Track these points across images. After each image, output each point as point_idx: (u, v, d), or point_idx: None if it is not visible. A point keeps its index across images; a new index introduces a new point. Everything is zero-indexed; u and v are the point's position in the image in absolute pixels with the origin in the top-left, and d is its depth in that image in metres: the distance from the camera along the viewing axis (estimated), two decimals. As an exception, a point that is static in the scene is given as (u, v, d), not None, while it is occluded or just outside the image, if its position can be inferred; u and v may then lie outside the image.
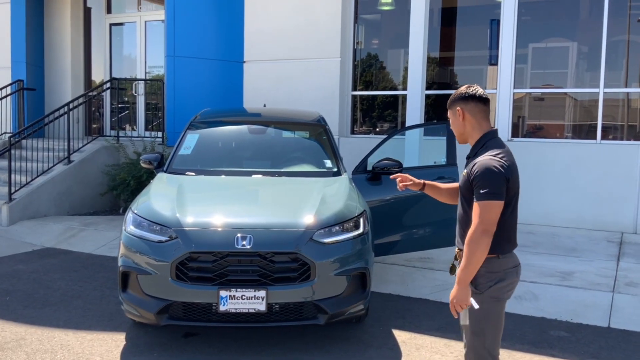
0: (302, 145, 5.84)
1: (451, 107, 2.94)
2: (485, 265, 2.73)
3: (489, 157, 2.71)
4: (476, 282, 2.74)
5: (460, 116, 2.89)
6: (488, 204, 2.65)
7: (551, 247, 7.31)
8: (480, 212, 2.66)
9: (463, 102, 2.90)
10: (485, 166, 2.68)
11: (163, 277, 3.99)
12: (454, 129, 2.98)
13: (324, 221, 4.24)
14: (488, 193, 2.65)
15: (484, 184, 2.67)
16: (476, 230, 2.65)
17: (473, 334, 2.79)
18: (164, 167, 5.35)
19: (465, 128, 2.90)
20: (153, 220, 4.20)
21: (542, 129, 9.61)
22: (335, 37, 9.89)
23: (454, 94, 2.94)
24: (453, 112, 2.93)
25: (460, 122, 2.90)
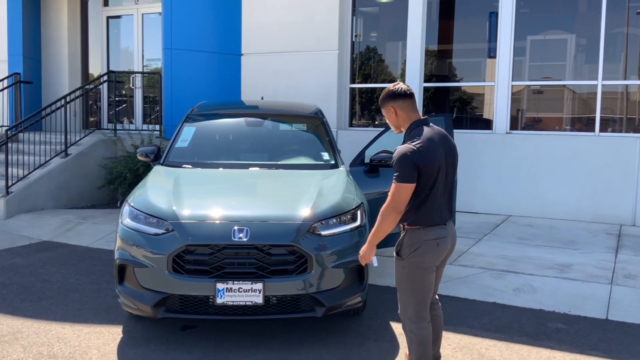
0: (299, 137, 5.81)
1: (384, 106, 3.35)
2: (408, 235, 3.25)
3: (406, 145, 3.17)
4: (400, 251, 3.29)
5: (393, 113, 3.32)
6: (397, 186, 3.13)
7: (549, 240, 7.30)
8: (392, 191, 3.15)
9: (392, 100, 3.32)
10: (398, 153, 3.15)
11: (160, 269, 3.97)
12: (389, 123, 3.39)
13: (321, 214, 4.22)
14: (398, 177, 3.12)
15: (395, 168, 3.15)
16: (387, 206, 3.16)
17: (398, 290, 3.38)
18: (160, 160, 5.32)
19: (398, 121, 3.34)
20: (150, 213, 4.18)
21: (540, 121, 9.59)
22: (333, 30, 9.85)
23: (383, 94, 3.34)
24: (386, 110, 3.35)
25: (394, 117, 3.33)
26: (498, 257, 6.45)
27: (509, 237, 7.49)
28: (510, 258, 6.42)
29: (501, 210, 8.94)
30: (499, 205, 8.93)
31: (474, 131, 9.35)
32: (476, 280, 5.71)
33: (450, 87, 10.16)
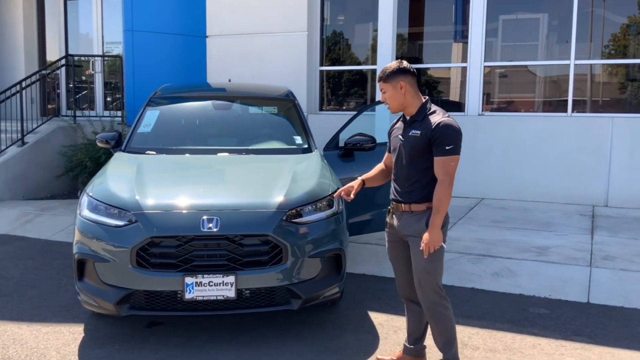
0: (270, 121, 5.53)
1: (391, 81, 3.21)
2: (430, 212, 3.17)
3: (448, 118, 3.12)
4: None
5: (401, 89, 3.20)
6: (454, 159, 3.10)
7: (525, 222, 7.21)
8: (446, 166, 3.09)
9: (403, 75, 3.22)
10: (449, 125, 3.08)
11: (123, 264, 3.69)
12: (392, 101, 3.24)
13: (296, 201, 3.98)
14: (453, 149, 3.08)
15: (449, 141, 3.07)
16: (445, 182, 3.10)
17: (428, 273, 3.21)
18: (122, 147, 4.99)
19: (405, 99, 3.22)
20: (110, 203, 3.88)
21: (512, 103, 9.50)
22: (302, 10, 9.54)
23: (391, 69, 3.21)
24: (394, 86, 3.21)
25: (401, 94, 3.21)
26: (475, 241, 6.32)
27: (484, 220, 7.37)
28: (487, 242, 6.30)
29: (474, 193, 8.83)
30: (471, 188, 8.82)
31: (447, 113, 9.16)
32: (454, 265, 5.56)
33: (421, 70, 9.98)
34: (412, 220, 3.23)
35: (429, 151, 3.14)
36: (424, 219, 3.19)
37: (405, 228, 3.26)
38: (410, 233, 3.24)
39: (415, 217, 3.22)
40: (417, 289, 3.29)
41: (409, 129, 3.23)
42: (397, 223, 3.31)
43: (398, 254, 3.42)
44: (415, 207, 3.22)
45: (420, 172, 3.19)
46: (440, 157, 3.10)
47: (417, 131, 3.17)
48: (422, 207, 3.20)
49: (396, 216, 3.33)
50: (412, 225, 3.23)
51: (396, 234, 3.35)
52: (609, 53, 8.73)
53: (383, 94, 3.28)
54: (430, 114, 3.18)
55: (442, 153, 3.09)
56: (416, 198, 3.21)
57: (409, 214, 3.24)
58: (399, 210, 3.29)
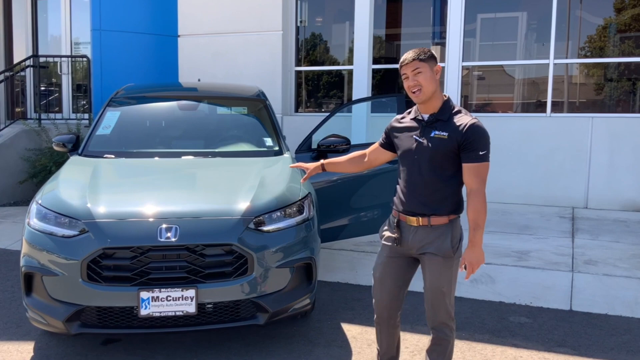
0: (239, 122, 5.25)
1: (430, 62, 2.82)
2: (454, 226, 2.85)
3: (477, 120, 2.76)
4: (457, 248, 2.85)
5: (438, 74, 2.84)
6: (487, 166, 2.75)
7: (504, 226, 7.03)
8: (482, 173, 2.73)
9: (436, 62, 2.85)
10: (482, 129, 2.74)
11: (72, 278, 3.39)
12: (428, 84, 2.79)
13: (263, 206, 3.72)
14: (487, 154, 2.74)
15: (483, 146, 2.73)
16: (480, 192, 2.73)
17: (444, 295, 2.87)
18: (79, 150, 4.68)
19: (436, 87, 2.83)
20: (60, 211, 3.58)
21: (490, 104, 9.34)
22: (276, 9, 9.28)
23: (429, 52, 2.83)
24: (431, 67, 2.81)
25: (437, 80, 2.83)
26: (454, 246, 6.10)
27: (462, 223, 7.16)
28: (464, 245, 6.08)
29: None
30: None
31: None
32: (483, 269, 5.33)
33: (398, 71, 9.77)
34: (432, 235, 2.81)
35: (456, 156, 2.76)
36: (447, 234, 2.81)
37: (421, 244, 2.84)
38: (428, 250, 2.83)
39: (436, 231, 2.81)
40: (428, 311, 2.93)
41: (429, 130, 2.80)
42: (409, 238, 2.87)
43: (394, 273, 2.99)
44: (436, 221, 2.80)
45: (443, 180, 2.79)
46: (474, 163, 2.71)
47: (443, 132, 2.76)
48: (444, 220, 2.81)
49: (406, 230, 2.88)
50: (432, 242, 2.82)
51: (403, 250, 2.93)
52: (586, 54, 8.60)
53: (416, 76, 2.77)
54: (456, 114, 2.80)
55: (475, 159, 2.71)
56: (437, 210, 2.80)
57: (428, 228, 2.82)
58: (412, 223, 2.85)
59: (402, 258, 2.99)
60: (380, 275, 3.05)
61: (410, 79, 2.81)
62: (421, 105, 2.88)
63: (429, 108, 2.85)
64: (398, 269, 3.00)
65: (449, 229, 2.84)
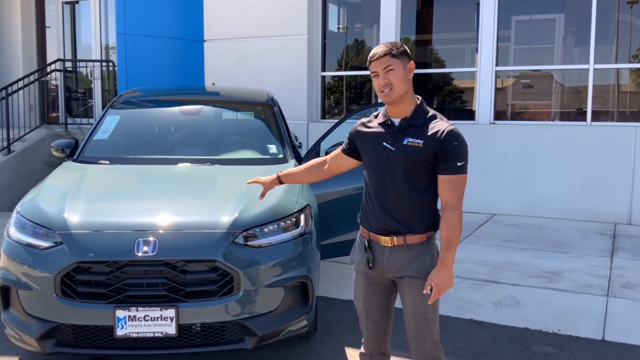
0: (243, 128, 4.97)
1: (403, 58, 2.47)
2: (432, 244, 2.55)
3: (455, 127, 2.45)
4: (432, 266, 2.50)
5: (411, 72, 2.50)
6: (465, 178, 2.43)
7: (537, 242, 6.54)
8: (459, 186, 2.42)
9: (409, 59, 2.52)
10: (460, 136, 2.42)
11: (47, 293, 3.16)
12: (400, 83, 2.45)
13: (253, 219, 3.42)
14: (465, 166, 2.43)
15: (461, 156, 2.41)
16: (457, 207, 2.42)
17: (429, 322, 2.56)
18: (75, 156, 4.48)
19: (409, 87, 2.50)
20: (37, 221, 3.36)
21: (527, 110, 8.83)
22: (302, 13, 9.03)
23: (402, 47, 2.50)
24: (403, 64, 2.47)
25: (409, 79, 2.49)
26: (479, 264, 5.68)
27: (492, 239, 6.72)
28: (492, 264, 5.65)
29: (485, 208, 8.18)
30: (482, 203, 8.17)
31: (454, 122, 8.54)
32: (452, 293, 4.93)
33: (431, 77, 9.37)
34: (409, 255, 2.49)
35: (433, 166, 2.44)
36: (426, 253, 2.50)
37: (398, 267, 2.51)
38: (406, 273, 2.50)
39: (414, 251, 2.49)
40: (411, 341, 2.61)
41: (402, 136, 2.47)
42: (384, 260, 2.54)
43: (377, 302, 2.65)
44: (412, 239, 2.48)
45: (419, 192, 2.46)
46: (450, 175, 2.40)
47: (418, 140, 2.43)
48: (421, 237, 2.49)
49: (379, 252, 2.55)
50: (409, 263, 2.49)
51: (378, 274, 2.59)
52: (630, 59, 8.02)
53: (387, 73, 2.43)
54: (431, 119, 2.47)
55: (451, 170, 2.39)
56: (413, 227, 2.48)
57: (404, 248, 2.49)
58: (386, 244, 2.51)
59: (380, 284, 2.63)
60: (364, 307, 2.69)
61: (380, 76, 2.46)
62: (391, 107, 2.53)
63: (400, 111, 2.51)
64: (380, 297, 2.65)
65: (427, 247, 2.51)
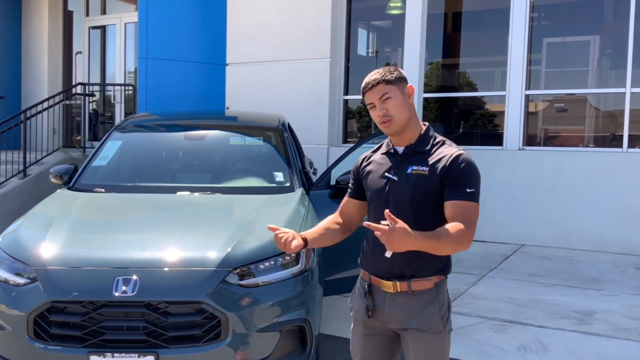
0: (249, 154, 4.71)
1: (399, 84, 2.22)
2: (442, 291, 2.24)
3: (465, 152, 2.20)
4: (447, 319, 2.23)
5: (411, 97, 2.26)
6: (476, 207, 2.15)
7: (568, 277, 6.08)
8: (469, 214, 2.11)
9: (406, 82, 2.26)
10: (470, 162, 2.17)
11: (19, 334, 2.92)
12: (399, 112, 2.20)
13: (246, 255, 3.14)
14: (476, 194, 2.16)
15: (471, 182, 2.15)
16: (468, 234, 2.08)
17: None
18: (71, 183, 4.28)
19: (411, 113, 2.24)
20: (14, 255, 3.14)
21: (559, 135, 8.40)
22: (325, 35, 8.82)
23: (396, 71, 2.25)
24: (401, 90, 2.22)
25: (410, 104, 2.24)
26: (503, 301, 5.26)
27: (520, 272, 6.28)
28: (518, 302, 5.23)
29: (513, 238, 7.73)
30: (510, 233, 7.73)
31: (481, 147, 8.19)
32: (472, 334, 4.54)
33: (459, 101, 9.03)
34: (413, 304, 2.18)
35: (440, 197, 2.15)
36: (434, 303, 2.18)
37: (401, 317, 2.20)
38: (410, 325, 2.18)
39: (419, 299, 2.18)
40: None
41: (406, 164, 2.21)
42: (384, 308, 2.22)
43: (375, 354, 2.32)
44: (418, 285, 2.17)
45: (425, 229, 2.08)
46: (458, 200, 2.11)
47: (422, 167, 2.17)
48: (428, 283, 2.18)
49: (380, 298, 2.23)
50: (413, 313, 2.18)
51: (379, 324, 2.26)
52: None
53: (384, 103, 2.18)
54: (439, 145, 2.23)
55: (460, 196, 2.11)
56: (420, 270, 2.17)
57: (408, 295, 2.18)
58: (388, 289, 2.21)
59: (380, 334, 2.30)
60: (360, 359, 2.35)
61: (377, 107, 2.20)
62: (394, 137, 2.27)
63: (404, 139, 2.26)
64: (381, 350, 2.31)
65: (435, 295, 2.20)
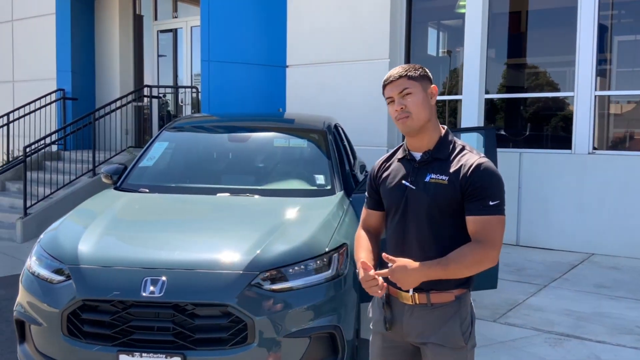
0: (293, 156, 4.67)
1: (423, 81, 2.12)
2: (464, 305, 2.12)
3: (488, 160, 2.08)
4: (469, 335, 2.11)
5: (433, 97, 2.14)
6: (502, 221, 2.02)
7: (636, 290, 5.67)
8: (493, 230, 1.99)
9: (430, 82, 2.17)
10: (493, 171, 2.05)
11: (54, 330, 3.00)
12: (419, 110, 2.09)
13: (275, 259, 3.09)
14: (500, 206, 2.02)
15: (496, 193, 2.02)
16: (489, 252, 1.98)
17: None
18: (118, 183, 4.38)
19: (431, 114, 2.13)
20: (52, 253, 3.23)
21: (631, 139, 7.88)
22: (384, 35, 8.68)
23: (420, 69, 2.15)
24: (423, 88, 2.11)
25: (431, 105, 2.14)
26: (562, 313, 4.97)
27: (584, 283, 5.92)
28: (577, 315, 4.92)
29: (582, 247, 7.32)
30: (578, 241, 7.32)
31: (548, 151, 7.82)
32: (524, 347, 4.30)
33: (523, 102, 8.66)
34: (433, 318, 2.08)
35: (460, 208, 2.04)
36: (455, 317, 2.07)
37: (420, 330, 2.09)
38: (430, 340, 2.07)
39: (439, 313, 2.07)
40: None
41: (423, 172, 2.10)
42: (403, 321, 2.12)
43: None
44: (437, 298, 2.06)
45: (445, 239, 2.05)
46: (479, 216, 1.98)
47: (441, 176, 2.06)
48: (448, 296, 2.07)
49: (398, 309, 2.13)
50: (433, 327, 2.07)
51: (398, 337, 2.16)
52: None
53: (403, 98, 2.09)
54: (459, 152, 2.10)
55: (481, 210, 1.98)
56: (438, 282, 2.04)
57: (427, 308, 2.08)
58: (406, 301, 2.10)
59: (400, 348, 2.18)
60: None
61: (396, 102, 2.11)
62: (411, 139, 2.15)
63: (422, 143, 2.14)
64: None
65: (456, 308, 2.08)
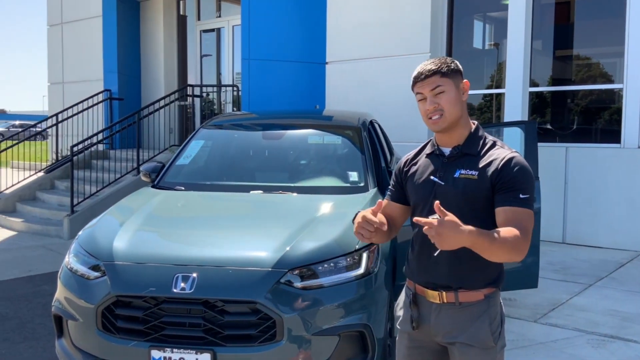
0: (327, 153, 4.64)
1: (455, 77, 2.05)
2: (494, 304, 2.06)
3: (519, 154, 2.03)
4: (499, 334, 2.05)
5: (465, 93, 2.08)
6: (531, 215, 1.95)
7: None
8: (524, 221, 1.91)
9: (462, 77, 2.09)
10: (524, 165, 1.99)
11: (89, 325, 3.06)
12: (451, 107, 2.04)
13: (305, 256, 3.07)
14: (530, 201, 1.96)
15: (527, 187, 1.96)
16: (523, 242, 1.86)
17: None
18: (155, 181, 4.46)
19: (463, 111, 2.07)
20: (89, 250, 3.30)
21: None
22: (424, 30, 8.56)
23: (453, 63, 2.07)
24: (456, 84, 2.05)
25: (463, 101, 2.08)
26: (606, 314, 4.79)
27: (633, 282, 5.70)
28: (622, 315, 4.74)
29: (631, 245, 7.06)
30: (627, 239, 7.06)
31: (596, 145, 7.56)
32: (566, 348, 4.17)
33: (569, 94, 8.39)
34: (462, 317, 2.03)
35: (490, 204, 1.98)
36: (484, 316, 2.01)
37: (448, 330, 2.05)
38: (458, 339, 2.03)
39: (467, 312, 2.03)
40: None
41: (453, 167, 2.05)
42: (431, 320, 2.08)
43: None
44: (466, 297, 2.02)
45: None
46: (510, 206, 1.92)
47: (471, 171, 2.01)
48: (478, 295, 2.02)
49: (425, 308, 2.10)
50: (461, 327, 2.03)
51: (425, 337, 2.12)
52: None
53: (436, 97, 2.02)
54: (490, 147, 2.05)
55: (512, 201, 1.92)
56: (467, 281, 2.02)
57: (455, 307, 2.04)
58: (434, 300, 2.07)
59: (426, 348, 2.14)
60: None
61: (428, 100, 2.03)
62: (441, 135, 2.08)
63: (452, 139, 2.09)
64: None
65: (485, 308, 2.03)
